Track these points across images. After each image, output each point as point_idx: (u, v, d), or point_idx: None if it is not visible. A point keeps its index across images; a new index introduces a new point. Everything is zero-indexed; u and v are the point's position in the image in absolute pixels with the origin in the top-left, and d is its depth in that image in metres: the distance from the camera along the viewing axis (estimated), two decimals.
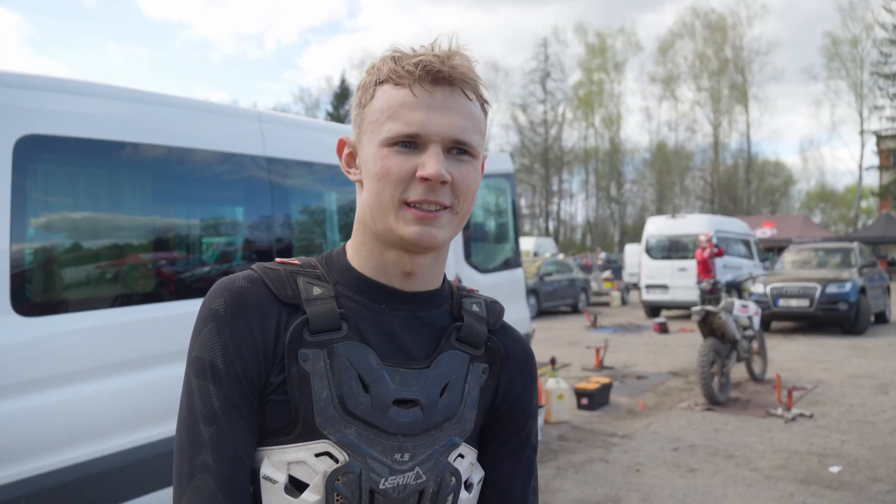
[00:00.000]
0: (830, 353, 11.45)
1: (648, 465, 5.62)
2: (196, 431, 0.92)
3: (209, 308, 0.96)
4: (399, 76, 0.94)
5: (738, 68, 53.50)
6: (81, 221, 3.13)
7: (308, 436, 0.92)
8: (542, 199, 60.11)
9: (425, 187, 0.93)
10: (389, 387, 0.95)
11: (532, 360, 1.14)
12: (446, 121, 0.93)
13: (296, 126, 4.40)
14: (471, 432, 1.03)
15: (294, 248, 4.12)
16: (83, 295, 3.09)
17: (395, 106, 0.94)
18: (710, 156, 56.23)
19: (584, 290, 20.87)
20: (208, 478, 0.90)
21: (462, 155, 0.96)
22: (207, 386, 0.93)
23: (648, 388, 8.85)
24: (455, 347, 1.03)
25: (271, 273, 0.99)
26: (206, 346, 0.94)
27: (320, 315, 0.96)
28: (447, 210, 0.96)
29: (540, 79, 57.63)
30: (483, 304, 1.10)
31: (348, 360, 0.94)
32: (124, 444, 3.06)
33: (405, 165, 0.93)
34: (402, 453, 0.95)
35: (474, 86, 0.98)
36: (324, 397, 0.92)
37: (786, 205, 60.64)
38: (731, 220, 20.08)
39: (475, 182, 0.99)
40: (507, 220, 7.20)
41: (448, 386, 1.00)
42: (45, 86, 3.00)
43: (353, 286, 1.01)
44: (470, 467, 1.04)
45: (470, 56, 0.98)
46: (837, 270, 14.68)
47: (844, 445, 6.09)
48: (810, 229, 35.71)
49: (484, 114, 1.02)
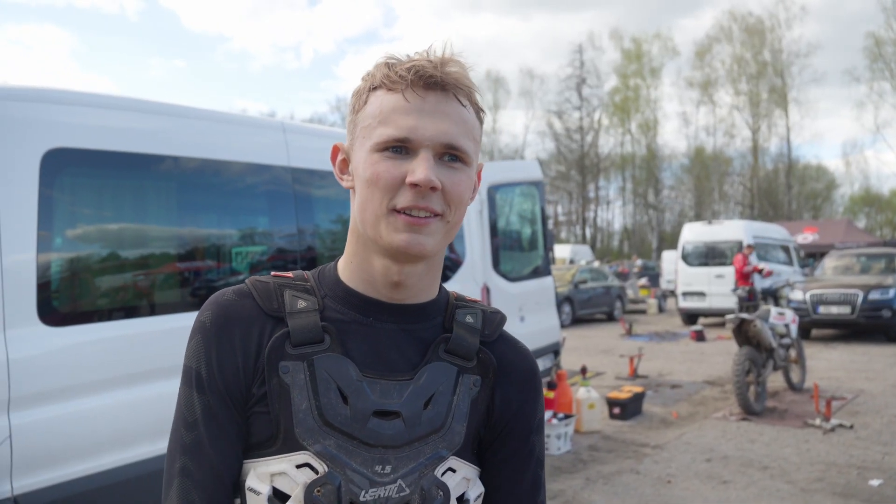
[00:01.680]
0: (873, 362, 11.16)
1: (680, 477, 5.53)
2: (179, 436, 0.96)
3: (199, 320, 0.99)
4: (392, 81, 0.94)
5: (778, 71, 52.60)
6: (107, 233, 3.19)
7: (289, 447, 0.93)
8: (579, 205, 59.73)
9: (415, 193, 0.91)
10: (369, 398, 0.95)
11: (534, 371, 1.10)
12: (438, 126, 0.92)
13: (319, 136, 4.43)
14: (461, 445, 1.00)
15: (320, 257, 4.14)
16: (109, 305, 3.14)
17: (387, 111, 0.93)
18: (750, 161, 55.33)
19: (620, 297, 20.69)
20: (188, 482, 0.94)
21: (454, 162, 0.95)
22: (192, 394, 0.96)
23: (683, 397, 8.71)
24: (443, 359, 1.01)
25: (260, 286, 1.01)
26: (192, 356, 0.97)
27: (302, 328, 0.97)
28: (437, 217, 0.94)
29: (576, 85, 57.37)
30: (479, 314, 1.08)
31: (327, 371, 0.95)
32: (149, 453, 3.10)
33: (395, 171, 0.92)
34: (383, 465, 0.94)
35: (468, 92, 0.97)
36: (303, 409, 0.93)
37: (828, 209, 59.35)
38: (769, 226, 19.72)
39: (467, 190, 0.97)
40: (537, 228, 7.16)
41: (433, 398, 0.98)
42: (72, 100, 3.06)
43: (340, 299, 1.01)
44: (465, 482, 1.01)
45: (465, 63, 0.97)
46: (880, 276, 14.33)
47: (886, 458, 5.92)
48: (854, 234, 34.87)
49: (479, 121, 1.00)
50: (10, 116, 2.81)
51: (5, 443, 2.62)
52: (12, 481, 2.62)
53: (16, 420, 2.67)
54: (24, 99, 2.88)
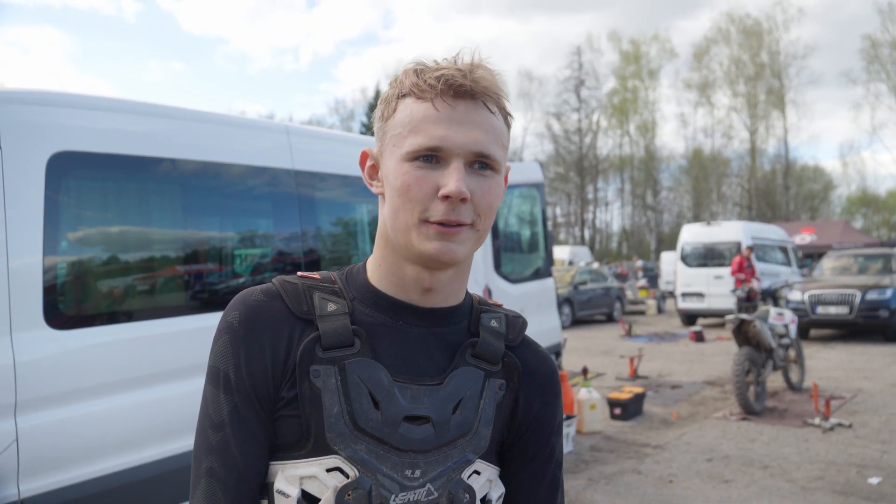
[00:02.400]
0: (871, 362, 11.19)
1: (681, 477, 5.55)
2: (206, 437, 0.96)
3: (226, 320, 0.99)
4: (421, 90, 0.94)
5: (775, 73, 52.68)
6: (113, 236, 3.20)
7: (319, 451, 0.93)
8: (578, 207, 59.76)
9: (446, 206, 0.92)
10: (400, 403, 0.95)
11: (555, 375, 1.12)
12: (469, 135, 0.93)
13: (322, 139, 4.46)
14: (486, 448, 1.02)
15: (323, 260, 4.16)
16: (115, 308, 3.16)
17: (417, 120, 0.94)
18: (748, 162, 55.40)
19: (619, 298, 20.71)
20: (214, 483, 0.94)
21: (484, 170, 0.95)
22: (219, 395, 0.96)
23: (683, 397, 8.73)
24: (470, 364, 1.02)
25: (289, 287, 1.01)
26: (220, 357, 0.97)
27: (333, 331, 0.97)
28: (468, 227, 0.95)
29: (574, 87, 57.43)
30: (503, 318, 1.09)
31: (359, 376, 0.95)
32: (155, 455, 3.11)
33: (426, 183, 0.93)
34: (413, 469, 0.95)
35: (497, 99, 0.97)
36: (334, 413, 0.93)
37: (826, 210, 59.41)
38: (767, 227, 19.77)
39: (497, 198, 0.98)
40: (538, 230, 7.18)
41: (461, 402, 0.99)
42: (77, 103, 3.08)
43: (370, 302, 1.01)
44: (488, 484, 1.03)
45: (493, 69, 0.98)
46: (878, 277, 14.38)
47: (885, 456, 5.94)
48: (851, 235, 34.94)
49: (507, 127, 1.01)
50: (17, 120, 2.82)
51: (12, 446, 2.63)
52: (19, 484, 2.63)
53: (22, 423, 2.68)
54: (29, 102, 2.89)
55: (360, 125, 53.24)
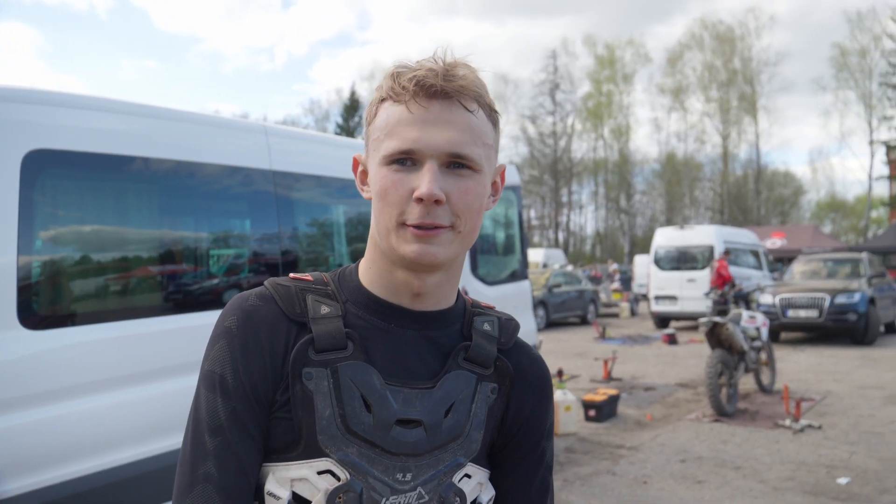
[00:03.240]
0: (840, 364, 11.38)
1: (655, 478, 5.60)
2: (201, 442, 0.94)
3: (222, 325, 0.98)
4: (396, 93, 0.94)
5: (747, 79, 53.41)
6: (88, 235, 3.17)
7: (311, 454, 0.93)
8: (552, 210, 60.06)
9: (422, 209, 0.92)
10: (392, 406, 0.95)
11: (546, 379, 1.12)
12: (442, 135, 0.92)
13: (301, 140, 4.44)
14: (478, 452, 1.02)
15: (300, 261, 4.14)
16: (90, 308, 3.12)
17: (393, 123, 0.94)
18: (720, 166, 56.07)
19: (593, 301, 20.84)
20: (210, 488, 0.92)
21: (461, 169, 0.94)
22: (216, 399, 0.95)
23: (656, 399, 8.82)
24: (462, 367, 1.02)
25: (281, 290, 1.01)
26: (217, 361, 0.96)
27: (326, 334, 0.97)
28: (447, 229, 0.94)
29: (549, 90, 57.72)
30: (496, 322, 1.09)
31: (351, 379, 0.95)
32: (131, 457, 3.08)
33: (402, 186, 0.93)
34: (404, 473, 0.95)
35: (476, 96, 0.95)
36: (326, 416, 0.93)
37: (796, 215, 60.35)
38: (739, 231, 20.04)
39: (478, 198, 0.96)
40: (514, 232, 7.21)
41: (453, 406, 0.99)
42: (54, 101, 3.04)
43: (362, 305, 1.01)
44: (478, 487, 1.03)
45: (472, 66, 0.97)
46: (846, 281, 14.63)
47: (853, 457, 6.05)
48: (820, 239, 35.51)
49: (492, 123, 1.00)
50: None
51: None
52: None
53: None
54: (4, 99, 2.85)
55: (335, 126, 53.07)
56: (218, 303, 3.65)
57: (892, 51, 45.13)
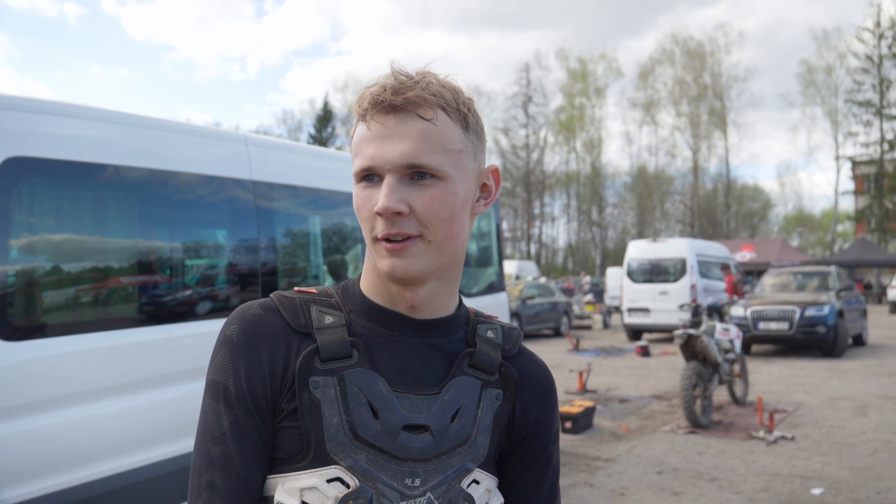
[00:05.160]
0: (810, 376, 11.54)
1: (633, 489, 5.62)
2: (206, 450, 0.95)
3: (224, 334, 0.99)
4: (360, 113, 0.96)
5: (717, 94, 54.31)
6: (65, 244, 3.11)
7: (320, 462, 0.93)
8: (524, 222, 60.37)
9: (385, 222, 0.93)
10: (399, 412, 0.96)
11: (551, 385, 1.13)
12: (396, 148, 0.92)
13: (282, 150, 4.41)
14: (485, 458, 1.02)
15: (279, 272, 4.11)
16: (67, 319, 3.06)
17: (357, 142, 0.97)
18: (690, 180, 56.87)
19: (567, 313, 20.92)
20: (215, 496, 0.93)
21: (423, 179, 0.94)
22: (219, 408, 0.96)
23: (632, 411, 8.86)
24: (467, 373, 1.03)
25: (286, 301, 1.01)
26: (219, 370, 0.97)
27: (331, 343, 0.97)
28: (416, 239, 0.94)
29: (522, 103, 58.15)
30: (500, 329, 1.10)
31: (358, 386, 0.95)
32: (110, 470, 3.02)
33: (370, 203, 0.95)
34: (413, 478, 0.95)
35: (434, 103, 0.94)
36: (334, 424, 0.93)
37: (764, 228, 61.34)
38: (710, 244, 20.26)
39: (446, 205, 0.95)
40: (491, 244, 7.22)
41: (459, 411, 1.00)
42: (31, 108, 2.99)
43: (366, 314, 1.02)
44: (486, 493, 1.03)
45: (431, 73, 0.98)
46: (816, 294, 14.84)
47: (826, 468, 6.13)
48: (788, 253, 36.12)
49: (464, 126, 0.98)
50: None
51: None
52: None
53: None
54: None
55: (307, 136, 52.90)
56: (194, 314, 3.61)
57: (857, 69, 46.15)
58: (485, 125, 1.07)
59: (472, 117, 1.01)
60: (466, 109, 0.99)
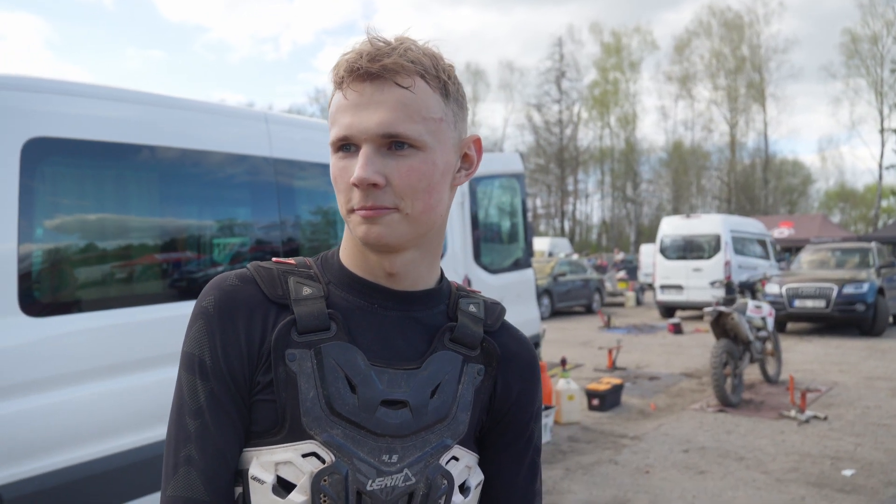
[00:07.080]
0: (847, 355, 11.34)
1: (658, 467, 5.59)
2: (183, 424, 0.94)
3: (200, 305, 0.97)
4: (336, 81, 0.94)
5: (756, 67, 53.07)
6: (89, 223, 3.16)
7: (295, 436, 0.92)
8: (558, 199, 59.94)
9: (361, 194, 0.91)
10: (377, 387, 0.94)
11: (534, 361, 1.11)
12: (372, 117, 0.90)
13: (301, 127, 4.42)
14: (464, 434, 1.01)
15: (302, 249, 4.13)
16: (91, 296, 3.12)
17: (333, 111, 0.94)
18: (727, 155, 55.84)
19: (599, 290, 20.82)
20: (192, 471, 0.92)
21: (402, 150, 0.91)
22: (195, 381, 0.94)
23: (661, 389, 8.80)
24: (448, 348, 1.01)
25: (263, 272, 0.99)
26: (195, 342, 0.95)
27: (308, 315, 0.95)
28: (391, 210, 0.92)
29: (555, 78, 57.45)
30: (482, 304, 1.08)
31: (335, 360, 0.94)
32: (132, 443, 3.08)
33: (346, 174, 0.93)
34: (390, 454, 0.94)
35: (412, 70, 0.91)
36: (310, 398, 0.92)
37: (804, 204, 60.08)
38: (746, 220, 19.92)
39: (424, 176, 0.92)
40: (518, 221, 7.18)
41: (439, 387, 0.98)
42: (53, 89, 3.03)
43: (345, 285, 1.00)
44: (466, 470, 1.02)
45: (410, 39, 0.95)
46: (855, 271, 14.54)
47: (858, 449, 6.03)
48: (829, 229, 35.33)
49: (444, 94, 0.95)
50: None
51: None
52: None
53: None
54: (4, 87, 2.84)
55: None
56: None
57: None
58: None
59: (453, 85, 0.98)
60: (446, 77, 0.96)
